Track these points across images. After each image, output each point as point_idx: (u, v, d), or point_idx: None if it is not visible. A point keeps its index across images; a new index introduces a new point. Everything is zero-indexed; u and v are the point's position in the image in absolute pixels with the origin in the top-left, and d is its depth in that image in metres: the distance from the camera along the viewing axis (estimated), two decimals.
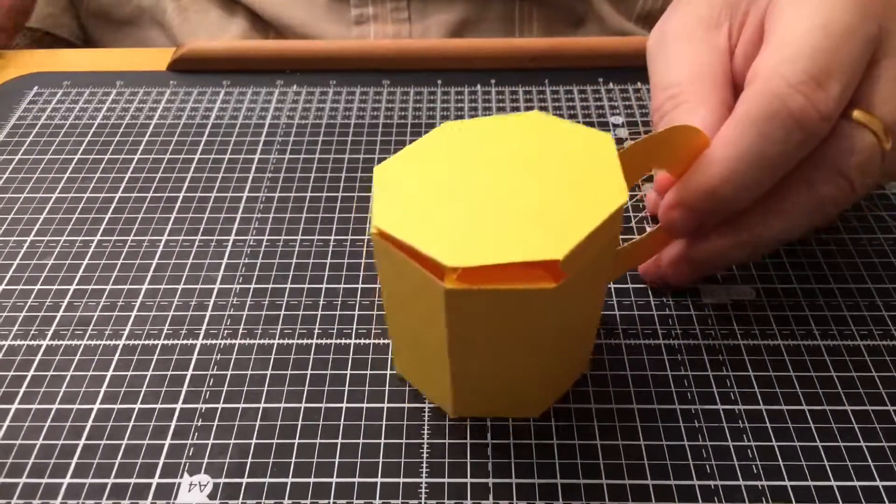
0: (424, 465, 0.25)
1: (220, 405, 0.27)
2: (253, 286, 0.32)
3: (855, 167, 0.25)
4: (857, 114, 0.25)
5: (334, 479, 0.25)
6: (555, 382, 0.27)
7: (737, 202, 0.25)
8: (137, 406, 0.27)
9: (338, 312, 0.30)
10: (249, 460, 0.26)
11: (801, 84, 0.24)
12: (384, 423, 0.27)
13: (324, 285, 0.32)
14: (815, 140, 0.25)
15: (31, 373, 0.28)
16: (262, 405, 0.27)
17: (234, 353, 0.29)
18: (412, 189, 0.23)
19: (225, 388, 0.28)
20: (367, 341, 0.29)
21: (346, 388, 0.28)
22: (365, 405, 0.27)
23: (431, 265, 0.22)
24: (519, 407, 0.27)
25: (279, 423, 0.27)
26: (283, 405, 0.27)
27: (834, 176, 0.26)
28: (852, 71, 0.24)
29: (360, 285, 0.32)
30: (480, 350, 0.24)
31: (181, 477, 0.25)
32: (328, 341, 0.29)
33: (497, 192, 0.23)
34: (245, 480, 0.25)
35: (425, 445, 0.26)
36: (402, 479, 0.25)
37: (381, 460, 0.26)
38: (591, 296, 0.25)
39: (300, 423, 0.27)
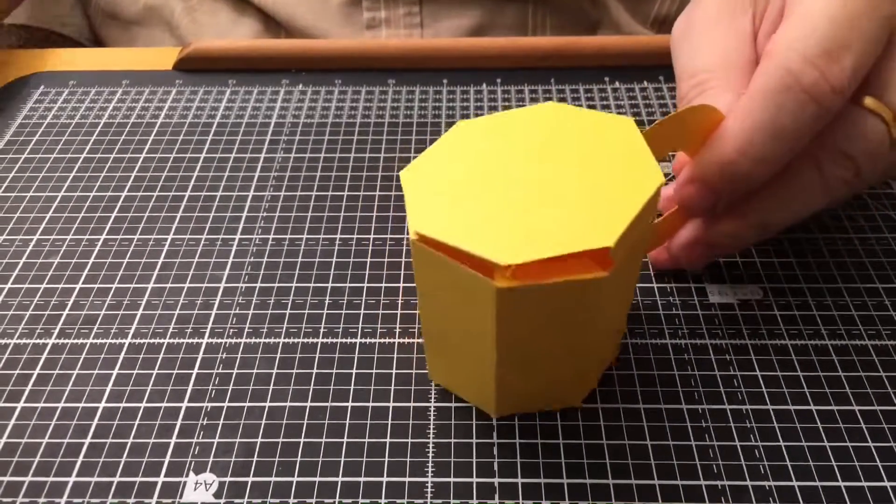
0: (430, 464, 0.25)
1: (226, 404, 0.27)
2: (258, 285, 0.32)
3: (862, 152, 0.26)
4: (868, 101, 0.25)
5: (340, 478, 0.25)
6: (595, 368, 0.27)
7: (751, 176, 0.25)
8: (143, 405, 0.27)
9: (343, 311, 0.30)
10: (255, 459, 0.26)
11: (814, 58, 0.24)
12: (390, 422, 0.27)
13: (329, 284, 0.31)
14: (829, 114, 0.25)
15: (37, 371, 0.28)
16: (267, 404, 0.27)
17: (240, 352, 0.29)
18: (443, 189, 0.23)
19: (230, 387, 0.28)
20: (373, 340, 0.29)
21: (352, 387, 0.28)
22: (370, 404, 0.27)
23: (477, 264, 0.21)
24: (560, 398, 0.27)
25: (284, 422, 0.27)
26: (288, 404, 0.27)
27: (841, 159, 0.26)
28: (868, 48, 0.24)
29: (365, 284, 0.31)
30: (527, 344, 0.24)
31: (186, 476, 0.25)
32: (333, 340, 0.29)
33: (530, 184, 0.23)
34: (250, 479, 0.25)
35: (431, 445, 0.26)
36: (407, 479, 0.25)
37: (386, 459, 0.26)
38: (630, 278, 0.26)
39: (306, 422, 0.27)
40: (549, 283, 0.21)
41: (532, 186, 0.23)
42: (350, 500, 0.24)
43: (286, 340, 0.29)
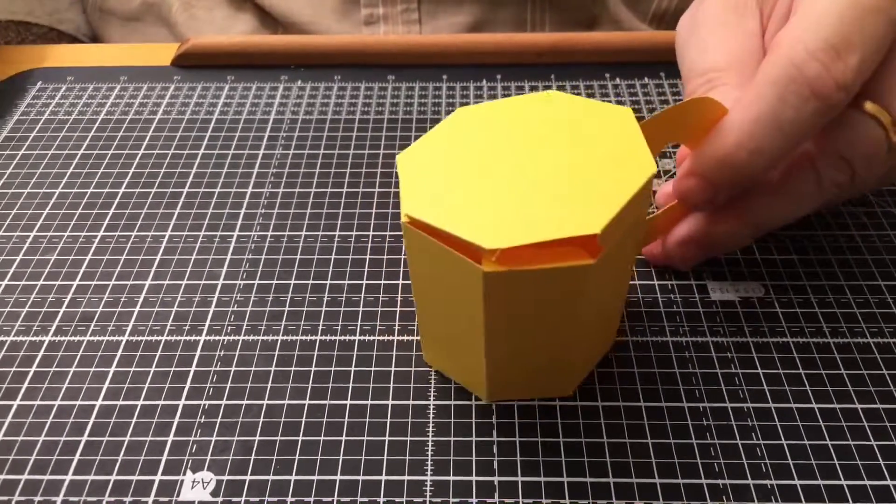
0: (429, 462, 0.25)
1: (224, 402, 0.27)
2: (257, 282, 0.31)
3: (859, 157, 0.26)
4: (868, 105, 0.25)
5: (338, 477, 0.25)
6: (586, 359, 0.27)
7: (750, 169, 0.25)
8: (140, 402, 0.27)
9: (342, 309, 0.30)
10: (252, 457, 0.25)
11: (819, 52, 0.24)
12: (388, 420, 0.26)
13: (328, 281, 0.31)
14: (832, 110, 0.24)
15: (34, 369, 0.28)
16: (265, 402, 0.27)
17: (238, 350, 0.29)
18: (438, 174, 0.23)
19: (228, 385, 0.28)
20: (372, 338, 0.29)
21: (350, 385, 0.27)
22: (369, 402, 0.27)
23: (466, 248, 0.21)
24: (552, 386, 0.27)
25: (283, 420, 0.26)
26: (286, 402, 0.27)
27: (838, 162, 0.26)
28: (873, 48, 0.24)
29: (364, 281, 0.31)
30: (516, 330, 0.24)
31: (184, 474, 0.25)
32: (332, 338, 0.29)
33: (524, 171, 0.23)
34: (248, 478, 0.25)
35: (430, 443, 0.26)
36: (406, 477, 0.25)
37: (385, 458, 0.25)
38: (622, 269, 0.26)
39: (304, 420, 0.26)
40: (536, 269, 0.21)
41: (525, 173, 0.23)
42: (348, 499, 0.24)
43: (284, 338, 0.29)
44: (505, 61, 0.44)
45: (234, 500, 0.24)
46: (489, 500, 0.24)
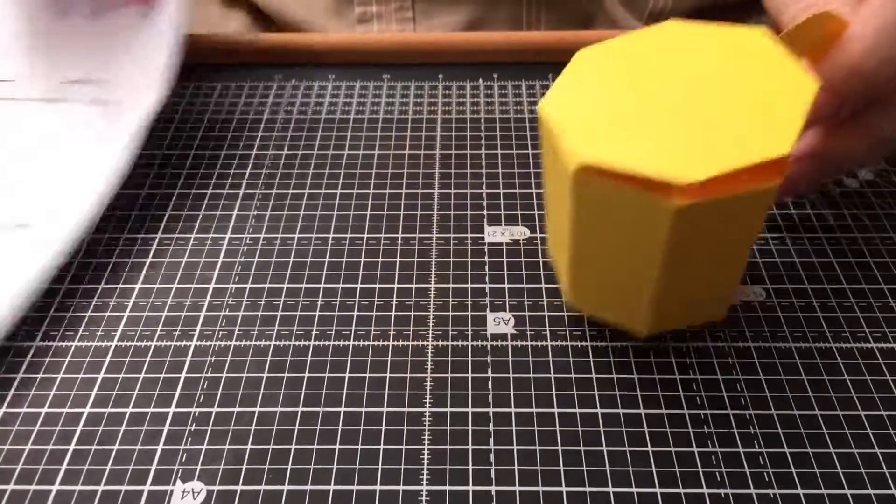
0: (425, 471, 0.25)
1: (215, 409, 0.26)
2: (249, 285, 0.31)
3: None
4: None
5: (332, 487, 0.24)
6: (735, 283, 0.27)
7: (877, 77, 0.26)
8: (129, 410, 0.26)
9: (336, 313, 0.30)
10: (244, 466, 0.25)
11: None
12: (383, 428, 0.26)
13: (322, 285, 0.31)
14: None
15: (20, 375, 0.28)
16: (257, 409, 0.26)
17: (230, 355, 0.28)
18: (591, 117, 0.23)
19: (220, 392, 0.27)
20: (367, 343, 0.29)
21: (345, 391, 0.27)
22: (364, 409, 0.26)
23: (649, 186, 0.21)
24: (705, 312, 0.27)
25: (275, 427, 0.26)
26: (279, 409, 0.26)
27: None
28: None
29: (359, 285, 0.31)
30: (689, 261, 0.24)
31: (174, 484, 0.24)
32: (326, 343, 0.29)
33: (678, 104, 0.23)
34: (240, 487, 0.24)
35: (426, 451, 0.25)
36: (401, 487, 0.24)
37: (380, 467, 0.25)
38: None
39: (297, 427, 0.26)
40: (728, 198, 0.21)
41: (681, 105, 0.23)
42: None
43: (277, 343, 0.29)
44: (501, 60, 0.43)
45: None
46: None
